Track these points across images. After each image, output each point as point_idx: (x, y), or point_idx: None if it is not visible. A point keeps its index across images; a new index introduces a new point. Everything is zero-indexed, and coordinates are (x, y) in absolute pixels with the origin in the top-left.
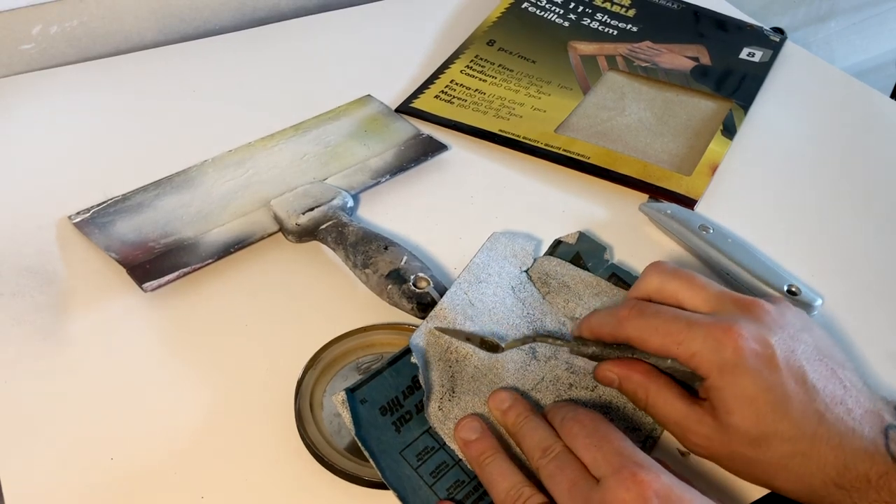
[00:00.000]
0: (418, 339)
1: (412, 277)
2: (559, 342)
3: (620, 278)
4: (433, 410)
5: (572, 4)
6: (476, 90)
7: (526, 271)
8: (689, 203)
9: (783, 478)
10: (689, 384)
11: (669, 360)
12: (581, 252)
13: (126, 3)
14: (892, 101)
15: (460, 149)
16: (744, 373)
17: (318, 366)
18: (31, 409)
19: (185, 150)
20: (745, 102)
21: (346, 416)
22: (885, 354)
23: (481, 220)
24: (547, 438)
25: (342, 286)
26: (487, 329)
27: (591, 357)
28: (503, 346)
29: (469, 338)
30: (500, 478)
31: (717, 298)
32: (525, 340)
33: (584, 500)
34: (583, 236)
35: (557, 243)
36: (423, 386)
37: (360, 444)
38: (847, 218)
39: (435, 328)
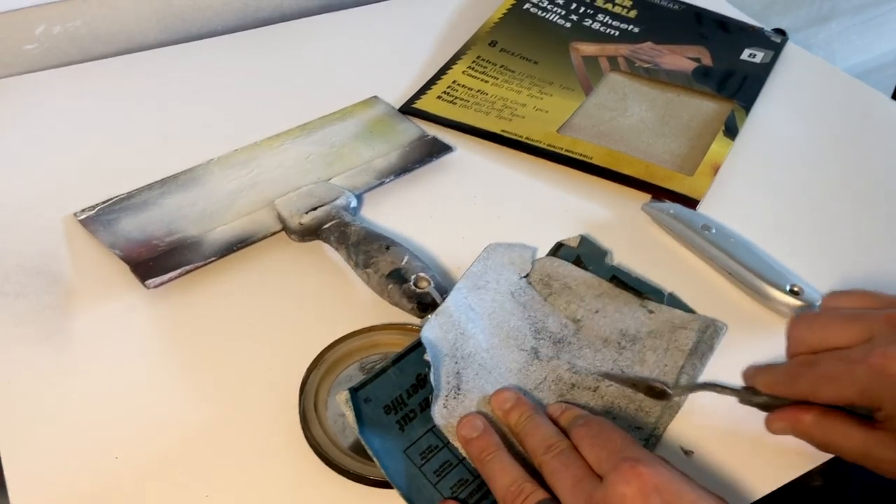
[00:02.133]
0: (429, 332)
1: (413, 277)
2: (727, 391)
3: (621, 280)
4: (439, 408)
5: (574, 5)
6: (478, 91)
7: (525, 277)
8: (691, 203)
9: None
10: (867, 414)
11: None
12: (582, 255)
13: (129, 4)
14: (893, 101)
15: (463, 149)
16: None
17: (322, 366)
18: (36, 409)
19: (189, 150)
20: (747, 103)
21: (350, 415)
22: None
23: (484, 221)
24: (551, 436)
25: (345, 286)
26: (488, 332)
27: (763, 407)
28: (671, 392)
29: (635, 384)
30: (501, 473)
31: (865, 324)
32: (693, 388)
33: (587, 497)
34: (584, 240)
35: (559, 246)
36: (433, 382)
37: (363, 444)
38: (849, 217)
39: (602, 374)
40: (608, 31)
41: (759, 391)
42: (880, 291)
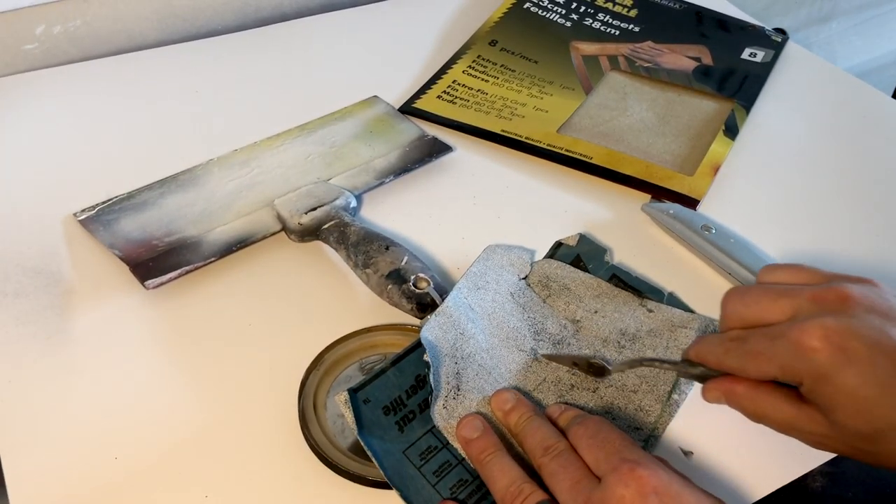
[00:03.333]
0: (428, 333)
1: (412, 278)
2: (666, 365)
3: (621, 279)
4: (438, 409)
5: (574, 4)
6: (478, 90)
7: (524, 278)
8: (691, 203)
9: None
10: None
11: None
12: (581, 254)
13: (129, 4)
14: (894, 101)
15: (463, 149)
16: (833, 372)
17: (321, 366)
18: (35, 408)
19: (189, 150)
20: (747, 103)
21: (349, 416)
22: None
23: (483, 221)
24: (549, 437)
25: (344, 286)
26: (488, 332)
27: (699, 378)
28: (610, 368)
29: (576, 362)
30: (501, 474)
31: (792, 301)
32: (632, 364)
33: (585, 498)
34: (583, 238)
35: (558, 245)
36: (432, 383)
37: (362, 444)
38: (849, 217)
39: (543, 356)
40: (608, 30)
41: (694, 363)
42: (816, 267)
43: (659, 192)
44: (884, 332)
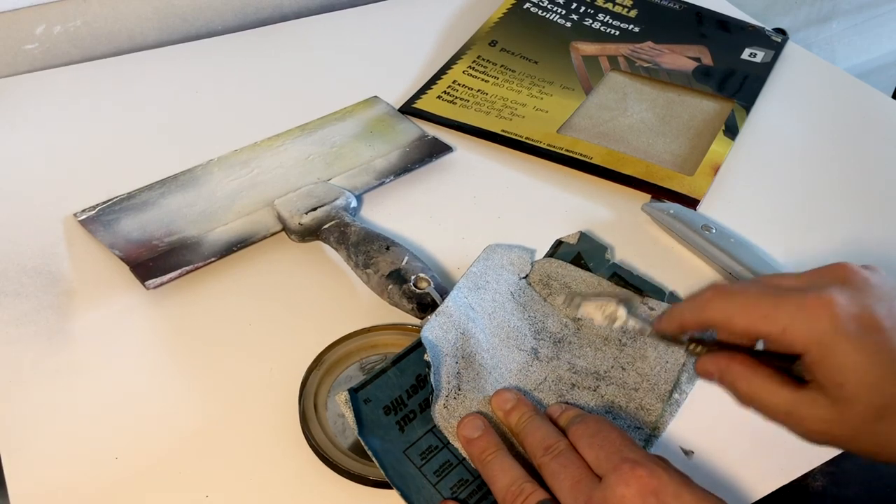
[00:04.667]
0: (429, 333)
1: (413, 278)
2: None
3: (622, 278)
4: (439, 409)
5: (574, 5)
6: (478, 90)
7: (524, 278)
8: (691, 203)
9: None
10: (791, 373)
11: (760, 343)
12: (582, 252)
13: (129, 4)
14: (894, 101)
15: (463, 149)
16: (846, 339)
17: (322, 366)
18: (36, 409)
19: (189, 150)
20: (747, 103)
21: (350, 416)
22: None
23: (484, 221)
24: (550, 436)
25: (345, 286)
26: (488, 332)
27: (672, 340)
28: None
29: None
30: (502, 473)
31: (805, 275)
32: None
33: (586, 498)
34: (584, 236)
35: (559, 243)
36: (433, 383)
37: (363, 444)
38: (850, 217)
39: (577, 296)
40: (608, 30)
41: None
42: None
43: (659, 192)
44: (893, 308)
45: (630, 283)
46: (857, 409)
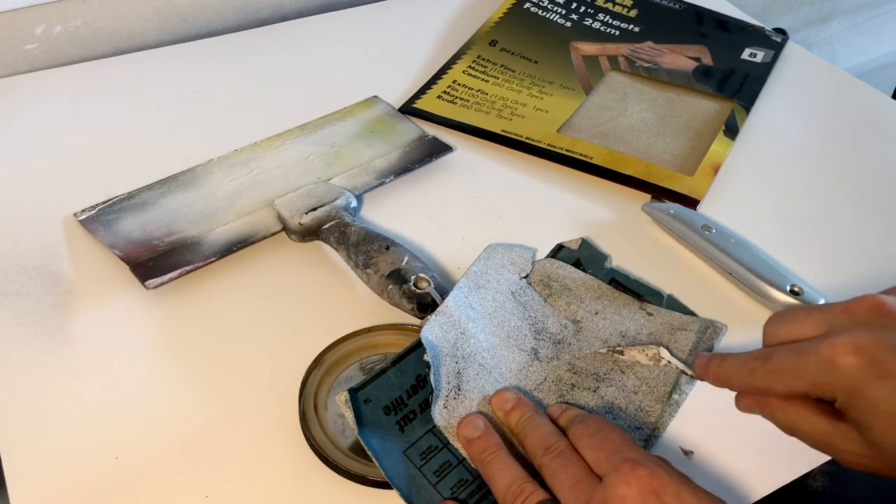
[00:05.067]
0: (429, 333)
1: (413, 278)
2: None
3: (620, 283)
4: (439, 409)
5: (574, 5)
6: (478, 90)
7: (525, 277)
8: (691, 203)
9: None
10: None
11: None
12: (582, 258)
13: (129, 4)
14: (894, 101)
15: (463, 149)
16: (867, 387)
17: (322, 366)
18: (36, 409)
19: (190, 150)
20: (747, 103)
21: (349, 416)
22: None
23: (484, 221)
24: (550, 436)
25: (345, 286)
26: (489, 332)
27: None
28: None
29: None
30: (502, 473)
31: (825, 315)
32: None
33: (586, 498)
34: (585, 243)
35: (560, 247)
36: (432, 383)
37: (362, 444)
38: (849, 217)
39: (611, 349)
40: (608, 30)
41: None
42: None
43: (659, 192)
44: None
45: (628, 288)
46: (888, 450)
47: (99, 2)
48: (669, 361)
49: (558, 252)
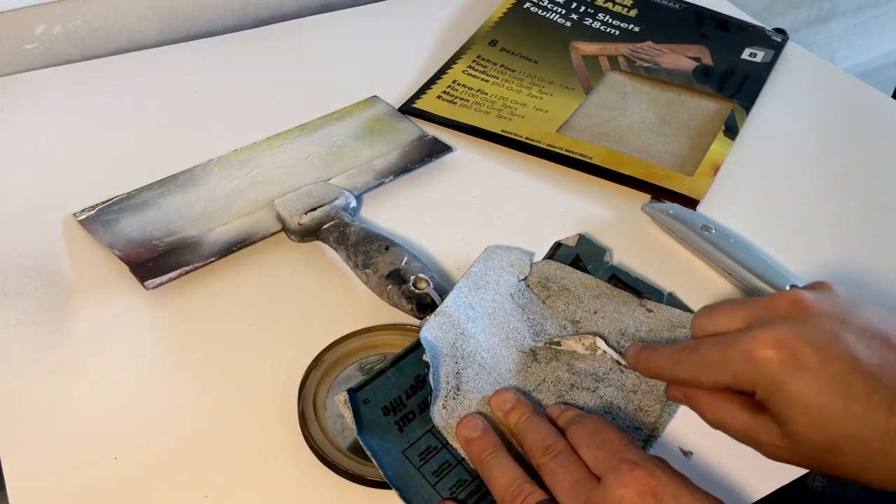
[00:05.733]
0: (428, 333)
1: (412, 278)
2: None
3: (620, 280)
4: (438, 409)
5: (574, 4)
6: (478, 90)
7: (524, 280)
8: (691, 203)
9: (874, 476)
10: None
11: None
12: (581, 254)
13: (129, 4)
14: (894, 101)
15: (463, 149)
16: (785, 380)
17: (321, 366)
18: (35, 408)
19: (189, 150)
20: (747, 103)
21: (348, 416)
22: None
23: (483, 221)
24: (549, 437)
25: (344, 286)
26: (488, 332)
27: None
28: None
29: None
30: (501, 474)
31: (749, 310)
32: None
33: (584, 498)
34: (583, 238)
35: (558, 245)
36: (432, 383)
37: (361, 445)
38: (849, 218)
39: (548, 342)
40: (608, 30)
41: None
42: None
43: (659, 192)
44: (836, 336)
45: (628, 285)
46: (805, 443)
47: (99, 2)
48: (605, 351)
49: (557, 250)
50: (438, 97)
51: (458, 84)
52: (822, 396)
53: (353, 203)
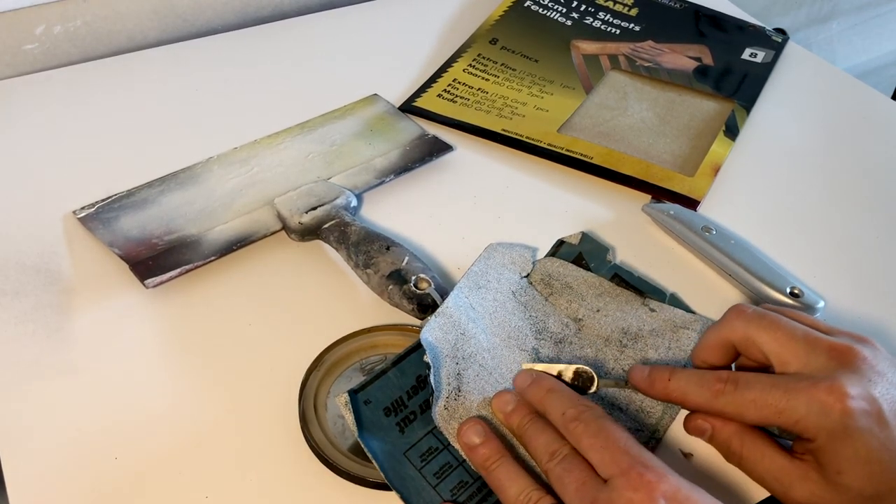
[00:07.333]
0: (429, 334)
1: (413, 278)
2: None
3: (623, 279)
4: (439, 410)
5: (575, 3)
6: (479, 89)
7: (526, 277)
8: (691, 204)
9: None
10: (781, 437)
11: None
12: (584, 252)
13: (129, 4)
14: (894, 101)
15: (463, 148)
16: (855, 434)
17: (321, 367)
18: (35, 408)
19: (189, 148)
20: (748, 103)
21: (349, 417)
22: None
23: (484, 220)
24: (553, 441)
25: (344, 286)
26: (489, 332)
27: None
28: (594, 387)
29: (561, 372)
30: (510, 482)
31: (806, 350)
32: (617, 384)
33: (591, 501)
34: (586, 237)
35: (560, 243)
36: (433, 384)
37: (362, 446)
38: (849, 219)
39: (525, 365)
40: (609, 29)
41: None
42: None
43: (659, 193)
44: (894, 396)
45: (631, 284)
46: (850, 494)
47: (99, 2)
48: (599, 389)
49: (559, 248)
50: (439, 96)
51: (459, 83)
52: (886, 453)
53: (354, 202)
